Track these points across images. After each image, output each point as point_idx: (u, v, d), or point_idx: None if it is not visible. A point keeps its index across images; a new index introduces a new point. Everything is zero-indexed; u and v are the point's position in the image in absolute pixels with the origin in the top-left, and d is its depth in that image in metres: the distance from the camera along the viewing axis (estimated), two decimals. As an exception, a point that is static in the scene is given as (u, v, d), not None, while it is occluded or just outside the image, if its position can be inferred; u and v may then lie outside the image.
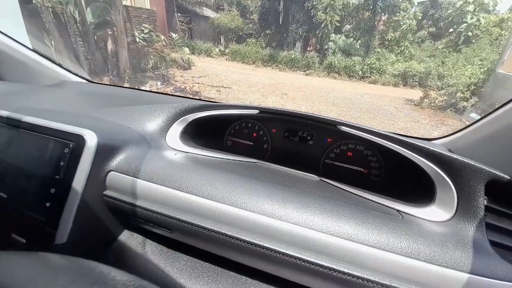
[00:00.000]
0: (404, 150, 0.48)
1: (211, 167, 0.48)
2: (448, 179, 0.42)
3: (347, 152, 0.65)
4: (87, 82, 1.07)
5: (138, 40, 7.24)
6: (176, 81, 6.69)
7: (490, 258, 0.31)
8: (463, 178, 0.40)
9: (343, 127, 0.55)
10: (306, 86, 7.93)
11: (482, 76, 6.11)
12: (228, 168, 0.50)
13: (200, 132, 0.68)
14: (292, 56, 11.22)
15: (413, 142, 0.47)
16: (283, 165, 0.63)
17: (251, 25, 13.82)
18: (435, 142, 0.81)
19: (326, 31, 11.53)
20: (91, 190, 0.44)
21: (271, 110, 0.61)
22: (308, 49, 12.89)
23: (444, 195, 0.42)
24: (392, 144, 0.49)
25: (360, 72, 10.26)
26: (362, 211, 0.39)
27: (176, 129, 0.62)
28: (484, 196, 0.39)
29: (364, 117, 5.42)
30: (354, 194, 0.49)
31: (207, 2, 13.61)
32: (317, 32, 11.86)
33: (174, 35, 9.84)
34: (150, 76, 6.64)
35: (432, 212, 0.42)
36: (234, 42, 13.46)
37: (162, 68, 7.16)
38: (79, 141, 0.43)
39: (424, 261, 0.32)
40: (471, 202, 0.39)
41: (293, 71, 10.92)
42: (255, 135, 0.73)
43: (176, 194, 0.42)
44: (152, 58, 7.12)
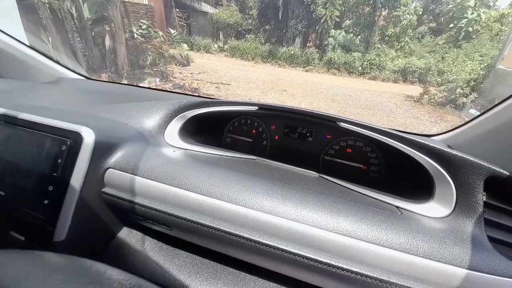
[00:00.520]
0: (403, 146, 0.47)
1: (210, 164, 0.48)
2: (447, 175, 0.42)
3: (347, 149, 0.65)
4: (84, 79, 1.06)
5: (136, 36, 7.17)
6: (175, 77, 6.65)
7: (489, 254, 0.31)
8: (462, 174, 0.40)
9: (343, 124, 0.54)
10: (305, 82, 7.90)
11: (482, 72, 6.10)
12: (227, 165, 0.50)
13: (199, 129, 0.68)
14: (292, 52, 11.15)
15: (412, 138, 0.47)
16: (283, 161, 0.63)
17: (250, 20, 13.69)
18: (434, 138, 0.81)
19: (326, 26, 11.44)
20: (89, 188, 0.43)
21: (271, 106, 0.61)
22: (307, 45, 12.80)
23: (443, 191, 0.42)
24: (391, 141, 0.49)
25: (360, 68, 10.21)
26: (361, 208, 0.39)
27: (175, 126, 0.61)
28: (483, 192, 0.39)
29: (363, 113, 5.41)
30: (353, 190, 0.49)
31: (206, -3, 13.48)
32: (316, 28, 11.76)
33: (173, 31, 9.74)
34: (149, 73, 6.60)
35: (431, 208, 0.42)
36: (233, 38, 13.35)
37: (160, 64, 7.10)
38: (76, 138, 0.43)
39: (423, 257, 0.32)
40: (470, 198, 0.39)
41: (292, 67, 10.87)
42: (254, 131, 0.73)
43: (175, 191, 0.42)
44: (150, 54, 7.06)
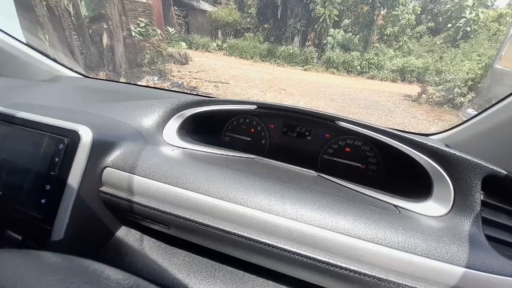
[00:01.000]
0: (402, 145, 0.48)
1: (209, 163, 0.48)
2: (445, 174, 0.42)
3: (345, 148, 0.65)
4: (82, 77, 1.05)
5: (134, 34, 7.12)
6: (173, 76, 6.62)
7: (486, 253, 0.31)
8: (460, 173, 0.40)
9: (341, 123, 0.54)
10: (304, 81, 7.90)
11: (479, 72, 6.13)
12: (226, 164, 0.50)
13: (198, 127, 0.68)
14: (291, 51, 11.14)
15: (410, 137, 0.47)
16: (281, 160, 0.63)
17: (249, 19, 13.65)
18: (432, 137, 0.81)
19: (325, 25, 11.44)
20: (87, 187, 0.43)
21: (269, 105, 0.61)
22: (306, 44, 12.79)
23: (441, 190, 0.43)
24: (389, 139, 0.49)
25: (359, 67, 10.23)
26: (360, 206, 0.39)
27: (173, 124, 0.61)
28: (481, 191, 0.39)
29: (362, 112, 5.43)
30: (351, 189, 0.49)
31: (204, -5, 13.41)
32: (315, 27, 11.76)
33: (171, 29, 9.69)
34: (147, 71, 6.56)
35: (429, 207, 0.42)
36: (232, 37, 13.32)
37: (159, 63, 7.07)
38: (74, 137, 0.42)
39: (421, 255, 0.32)
40: (468, 197, 0.39)
41: (291, 66, 10.86)
42: (253, 130, 0.73)
43: (173, 190, 0.42)
44: (148, 52, 7.03)
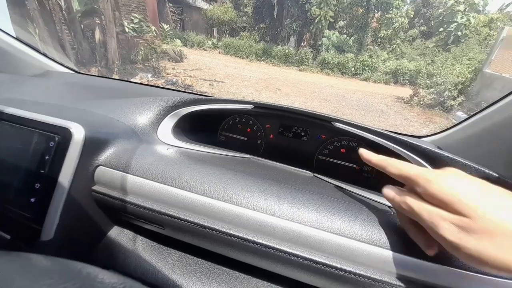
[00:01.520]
0: (396, 147, 0.48)
1: (204, 162, 0.47)
2: None
3: (341, 149, 0.66)
4: (73, 72, 1.02)
5: (128, 30, 7.00)
6: (168, 73, 6.54)
7: None
8: None
9: (337, 124, 0.55)
10: (299, 82, 7.94)
11: (469, 76, 6.30)
12: (222, 164, 0.49)
13: (193, 126, 0.67)
14: (286, 51, 11.18)
15: (404, 139, 0.47)
16: (277, 160, 0.63)
17: (245, 18, 13.62)
18: (424, 139, 0.83)
19: (320, 26, 11.53)
20: (79, 185, 0.42)
21: (266, 105, 0.60)
22: (302, 44, 12.86)
23: (433, 192, 0.43)
24: (383, 141, 0.50)
25: (353, 69, 10.36)
26: (355, 207, 0.39)
27: (168, 123, 0.60)
28: None
29: (355, 113, 5.49)
30: (347, 190, 0.49)
31: (200, -7, 13.29)
32: (311, 28, 11.83)
33: (166, 26, 9.58)
34: (140, 68, 6.47)
35: (422, 208, 0.43)
36: (227, 35, 13.26)
37: (152, 60, 6.97)
38: (65, 134, 0.41)
39: (415, 256, 0.32)
40: (460, 198, 0.40)
41: (286, 66, 10.90)
42: (249, 130, 0.73)
43: (168, 190, 0.41)
44: (142, 49, 6.92)
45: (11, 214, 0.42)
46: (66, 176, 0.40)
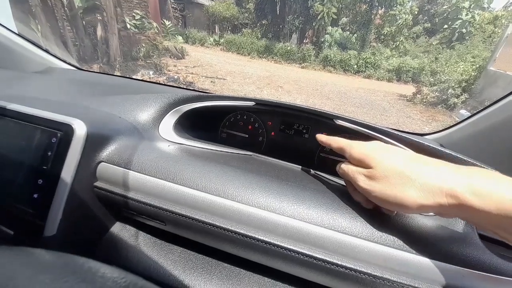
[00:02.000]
0: (398, 145, 0.48)
1: (206, 159, 0.47)
2: None
3: None
4: (75, 69, 1.02)
5: (129, 26, 6.98)
6: (169, 70, 6.53)
7: (480, 251, 0.32)
8: None
9: (339, 121, 0.54)
10: (301, 79, 7.90)
11: (473, 73, 6.23)
12: (223, 161, 0.49)
13: (194, 123, 0.67)
14: (288, 48, 11.10)
15: (406, 137, 0.47)
16: (279, 158, 0.63)
17: (247, 14, 13.52)
18: (427, 137, 0.82)
19: (323, 23, 11.42)
20: (81, 181, 0.42)
21: (267, 102, 0.60)
22: (304, 41, 12.76)
23: (435, 190, 0.43)
24: (386, 139, 0.49)
25: (355, 66, 10.27)
26: (356, 205, 0.39)
27: (170, 120, 0.60)
28: None
29: (357, 111, 5.47)
30: None
31: (202, -11, 13.19)
32: (313, 24, 11.73)
33: (167, 22, 9.53)
34: (142, 65, 6.46)
35: (423, 206, 0.43)
36: (229, 32, 13.18)
37: (154, 56, 6.95)
38: (67, 130, 0.41)
39: (415, 253, 0.32)
40: (462, 196, 0.40)
41: (288, 63, 10.84)
42: (250, 127, 0.73)
43: (169, 186, 0.41)
44: (144, 46, 6.90)
45: (14, 210, 0.42)
46: (68, 172, 0.41)
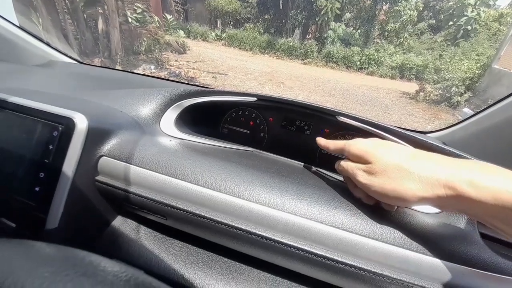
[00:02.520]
0: (401, 142, 0.48)
1: (207, 155, 0.47)
2: None
3: None
4: (76, 63, 1.02)
5: (131, 20, 6.92)
6: (171, 65, 6.50)
7: (480, 250, 0.32)
8: None
9: (342, 118, 0.54)
10: (303, 75, 7.84)
11: (478, 71, 6.15)
12: (224, 156, 0.49)
13: (196, 118, 0.67)
14: (291, 43, 10.98)
15: (409, 134, 0.47)
16: (280, 154, 0.63)
17: (249, 9, 13.34)
18: (429, 135, 0.82)
19: (326, 18, 11.28)
20: (82, 175, 0.42)
21: (269, 98, 0.60)
22: (307, 37, 12.63)
23: (437, 188, 0.43)
24: (388, 136, 0.49)
25: (358, 62, 10.17)
26: (357, 202, 0.39)
27: (171, 115, 0.60)
28: None
29: (359, 108, 5.44)
30: None
31: (204, -18, 13.01)
32: (316, 19, 11.59)
33: (169, 16, 9.44)
34: (144, 59, 6.43)
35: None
36: (231, 27, 13.04)
37: (156, 51, 6.91)
38: (68, 124, 0.41)
39: (416, 251, 0.32)
40: (463, 195, 0.39)
41: (290, 59, 10.74)
42: (252, 123, 0.72)
43: (170, 181, 0.41)
44: (145, 40, 6.86)
45: (16, 203, 0.42)
46: (70, 166, 0.41)
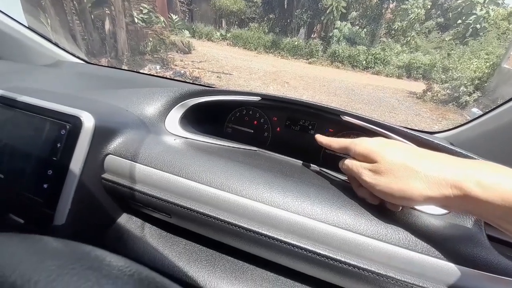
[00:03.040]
0: (407, 142, 0.47)
1: (211, 154, 0.48)
2: None
3: None
4: (84, 63, 1.04)
5: (137, 20, 7.00)
6: (176, 65, 6.55)
7: (487, 252, 0.31)
8: None
9: (346, 117, 0.54)
10: (308, 75, 7.80)
11: (487, 71, 6.02)
12: (228, 155, 0.50)
13: (200, 118, 0.67)
14: (296, 43, 10.92)
15: (415, 134, 0.46)
16: (283, 154, 0.63)
17: (254, 8, 13.33)
18: (436, 135, 0.80)
19: (332, 17, 11.19)
20: (89, 173, 0.43)
21: (273, 97, 0.60)
22: (312, 36, 12.55)
23: (443, 189, 0.42)
24: (394, 136, 0.49)
25: (364, 62, 10.05)
26: (361, 202, 0.39)
27: (176, 114, 0.61)
28: None
29: (365, 108, 5.38)
30: None
31: (209, -18, 13.05)
32: (322, 18, 11.50)
33: (174, 16, 9.51)
34: (149, 59, 6.49)
35: (430, 205, 0.42)
36: (236, 26, 13.06)
37: (161, 51, 6.97)
38: (76, 122, 0.42)
39: (421, 252, 0.32)
40: (471, 196, 0.39)
41: (295, 59, 10.69)
42: (255, 122, 0.72)
43: (175, 179, 0.42)
44: (151, 40, 6.92)
45: (24, 199, 0.43)
46: (77, 164, 0.41)
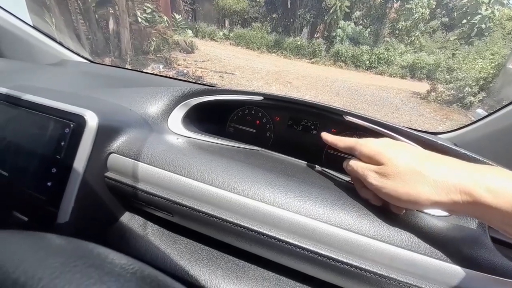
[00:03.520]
0: (410, 143, 0.47)
1: (213, 153, 0.48)
2: None
3: None
4: (88, 62, 1.04)
5: (140, 20, 7.03)
6: (179, 65, 6.57)
7: (491, 254, 0.31)
8: None
9: (349, 117, 0.53)
10: (311, 75, 7.78)
11: (492, 71, 5.95)
12: (230, 155, 0.50)
13: (202, 117, 0.67)
14: (298, 42, 10.89)
15: (419, 135, 0.46)
16: (286, 153, 0.63)
17: (257, 8, 13.32)
18: (440, 136, 0.80)
19: (335, 17, 11.13)
20: (92, 171, 0.43)
21: (275, 97, 0.60)
22: (315, 36, 12.50)
23: (447, 190, 0.42)
24: (397, 136, 0.48)
25: (368, 62, 9.99)
26: (364, 203, 0.38)
27: (178, 113, 0.61)
28: None
29: (368, 109, 5.35)
30: None
31: (212, -18, 13.06)
32: (325, 18, 11.45)
33: (177, 16, 9.54)
34: (152, 59, 6.52)
35: (433, 206, 0.42)
36: (239, 26, 13.06)
37: (164, 50, 7.00)
38: (80, 121, 0.42)
39: (424, 254, 0.32)
40: (475, 198, 0.38)
41: (298, 58, 10.66)
42: (258, 122, 0.72)
43: (177, 179, 0.42)
44: (154, 40, 6.95)
45: (28, 197, 0.44)
46: (80, 162, 0.42)
